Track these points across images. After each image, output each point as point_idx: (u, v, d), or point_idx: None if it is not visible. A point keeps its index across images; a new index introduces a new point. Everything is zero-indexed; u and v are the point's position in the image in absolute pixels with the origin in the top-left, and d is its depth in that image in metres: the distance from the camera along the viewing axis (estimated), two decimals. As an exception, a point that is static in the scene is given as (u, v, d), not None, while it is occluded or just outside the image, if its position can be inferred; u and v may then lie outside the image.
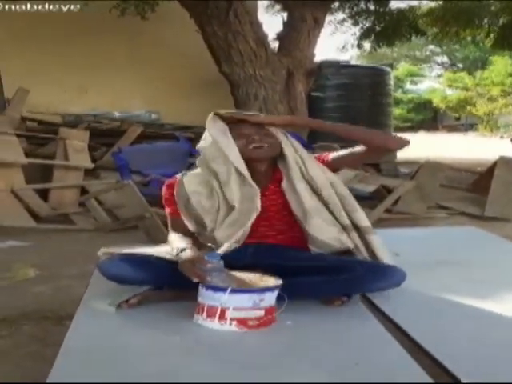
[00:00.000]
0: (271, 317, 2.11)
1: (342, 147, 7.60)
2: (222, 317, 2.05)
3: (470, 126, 35.29)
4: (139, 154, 6.89)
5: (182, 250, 2.27)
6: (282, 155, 2.48)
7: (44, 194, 6.01)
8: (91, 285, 2.56)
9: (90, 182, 6.40)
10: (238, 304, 2.05)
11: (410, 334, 2.09)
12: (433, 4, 10.26)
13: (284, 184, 2.46)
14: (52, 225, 5.44)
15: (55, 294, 3.09)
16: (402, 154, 9.91)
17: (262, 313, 2.08)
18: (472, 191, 7.30)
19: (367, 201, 6.42)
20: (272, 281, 2.16)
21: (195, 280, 2.11)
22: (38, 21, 8.67)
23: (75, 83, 9.27)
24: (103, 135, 7.89)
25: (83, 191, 6.21)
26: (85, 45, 9.11)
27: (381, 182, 6.78)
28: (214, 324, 2.07)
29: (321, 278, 2.31)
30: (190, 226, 2.47)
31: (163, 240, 2.54)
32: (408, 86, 42.74)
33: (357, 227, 2.48)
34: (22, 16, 8.41)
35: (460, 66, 40.57)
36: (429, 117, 40.06)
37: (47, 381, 1.67)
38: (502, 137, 26.47)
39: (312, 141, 7.71)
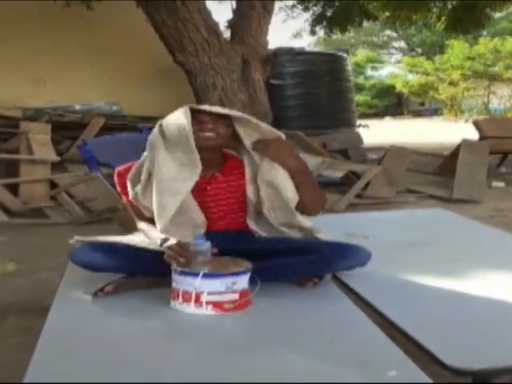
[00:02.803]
0: (246, 299, 2.15)
1: (308, 135, 7.64)
2: (197, 301, 2.09)
3: (434, 111, 35.74)
4: (104, 146, 6.83)
5: (165, 240, 2.29)
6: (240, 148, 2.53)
7: (13, 189, 5.94)
8: (66, 274, 2.56)
9: (58, 175, 6.35)
10: (211, 288, 2.09)
11: (383, 311, 2.14)
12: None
13: (247, 172, 2.50)
14: (25, 219, 5.41)
15: (36, 287, 3.12)
16: (369, 140, 10.07)
17: (236, 296, 2.11)
18: (439, 175, 7.41)
19: (337, 187, 6.49)
20: (243, 264, 2.21)
21: (181, 265, 2.14)
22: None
23: (32, 76, 9.09)
24: (65, 128, 7.80)
25: (52, 185, 6.16)
26: (39, 36, 8.95)
27: (349, 167, 6.85)
28: (191, 308, 2.10)
29: (290, 260, 2.36)
30: (146, 213, 2.48)
31: (136, 230, 2.55)
32: (369, 72, 43.05)
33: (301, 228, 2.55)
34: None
35: (418, 50, 40.96)
36: (393, 102, 40.43)
37: (27, 372, 1.67)
38: (466, 120, 26.82)
39: (276, 128, 7.73)
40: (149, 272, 2.37)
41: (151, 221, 2.46)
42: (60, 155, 6.69)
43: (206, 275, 2.08)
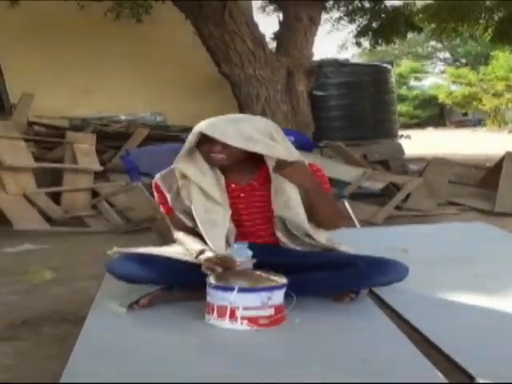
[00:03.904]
0: (281, 315, 2.14)
1: (349, 146, 7.59)
2: (232, 316, 2.09)
3: (477, 122, 35.13)
4: (147, 156, 6.84)
5: (202, 251, 2.31)
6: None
7: (55, 198, 6.03)
8: (103, 286, 2.59)
9: (100, 184, 6.41)
10: (246, 303, 2.09)
11: (421, 330, 2.11)
12: (428, 1, 10.14)
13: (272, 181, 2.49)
14: (66, 228, 5.45)
15: (72, 296, 3.12)
16: (411, 151, 9.93)
17: (271, 311, 2.11)
18: (481, 187, 7.26)
19: (376, 198, 6.42)
20: (278, 279, 2.19)
21: (217, 278, 2.15)
22: (39, 25, 8.68)
23: (80, 87, 9.21)
24: (110, 138, 7.87)
25: (94, 194, 6.23)
26: (88, 48, 9.06)
27: (389, 179, 6.75)
28: (226, 323, 2.10)
29: (325, 274, 2.35)
30: (187, 222, 2.49)
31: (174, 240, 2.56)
32: (412, 82, 42.62)
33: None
34: (22, 20, 8.43)
35: (463, 61, 40.43)
36: (435, 113, 39.95)
37: (60, 381, 1.69)
38: (510, 131, 26.35)
39: (317, 139, 7.72)
40: (184, 285, 2.38)
41: (189, 231, 2.47)
42: (103, 165, 6.76)
43: (241, 290, 2.08)
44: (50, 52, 8.89)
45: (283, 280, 2.17)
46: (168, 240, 2.63)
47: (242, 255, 2.22)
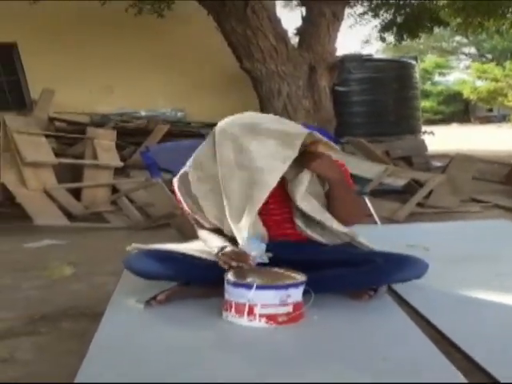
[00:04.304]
0: (299, 312, 2.12)
1: (372, 142, 7.52)
2: (250, 313, 2.07)
3: (502, 118, 34.74)
4: (167, 153, 6.84)
5: (222, 248, 2.29)
6: None
7: (76, 193, 6.04)
8: (121, 282, 2.59)
9: (120, 180, 6.42)
10: (265, 301, 2.07)
11: (440, 328, 2.08)
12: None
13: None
14: (86, 223, 5.42)
15: (92, 292, 3.07)
16: (434, 147, 9.83)
17: (290, 308, 2.09)
18: (505, 184, 7.16)
19: (398, 195, 6.35)
20: (297, 276, 2.17)
21: (234, 273, 2.13)
22: (60, 21, 8.72)
23: (101, 83, 9.20)
24: (130, 134, 7.84)
25: (114, 190, 6.22)
26: (108, 44, 9.06)
27: (411, 175, 6.68)
28: (244, 320, 2.09)
29: (343, 271, 2.32)
30: (206, 223, 2.46)
31: (194, 237, 2.55)
32: (436, 77, 42.26)
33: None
34: (43, 16, 8.44)
35: (489, 56, 39.91)
36: (460, 109, 39.56)
37: (76, 378, 1.68)
38: (535, 127, 26.05)
39: (339, 135, 7.66)
40: (202, 281, 2.37)
41: (211, 229, 2.45)
42: (123, 161, 6.76)
43: (259, 287, 2.06)
44: (70, 48, 8.90)
45: (302, 277, 2.15)
46: (187, 236, 2.62)
47: (256, 249, 2.19)
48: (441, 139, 10.32)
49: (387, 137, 8.70)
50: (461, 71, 42.44)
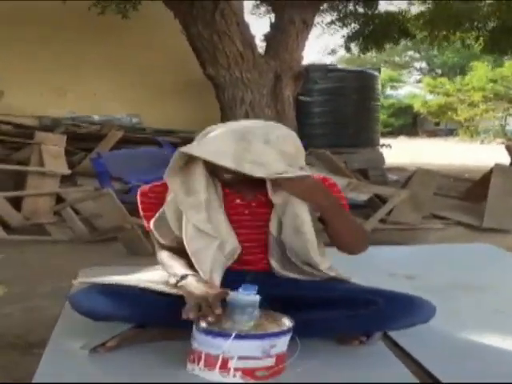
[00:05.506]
0: (282, 366, 1.76)
1: (334, 153, 7.30)
2: (223, 367, 1.69)
3: (449, 132, 35.49)
4: (120, 160, 6.54)
5: (183, 277, 1.91)
6: None
7: (16, 203, 5.62)
8: (62, 319, 2.19)
9: (66, 189, 6.00)
10: (244, 352, 1.69)
11: (438, 377, 1.85)
12: (423, 7, 10.06)
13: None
14: (24, 236, 5.02)
15: (25, 317, 2.74)
16: (387, 160, 9.76)
17: (272, 361, 1.72)
18: (465, 200, 7.05)
19: (359, 210, 6.16)
20: (283, 321, 1.80)
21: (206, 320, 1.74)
22: (13, 20, 8.31)
23: (53, 85, 8.89)
24: (82, 139, 7.44)
25: (59, 199, 5.82)
26: (63, 45, 8.72)
27: (375, 190, 6.49)
28: (214, 375, 1.70)
29: (338, 314, 1.96)
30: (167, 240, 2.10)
31: (143, 253, 2.18)
32: (388, 91, 42.96)
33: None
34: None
35: (438, 71, 40.95)
36: (408, 122, 40.31)
37: None
38: (482, 142, 26.64)
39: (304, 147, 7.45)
40: (164, 323, 1.99)
41: (173, 249, 2.09)
42: (72, 167, 6.38)
43: (239, 337, 1.68)
44: (22, 47, 8.52)
45: (289, 322, 1.79)
46: (135, 251, 2.25)
47: (249, 300, 1.76)
48: (391, 152, 10.38)
49: (346, 148, 8.66)
50: (412, 85, 43.42)
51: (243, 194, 2.11)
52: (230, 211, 2.09)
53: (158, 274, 2.09)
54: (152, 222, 2.10)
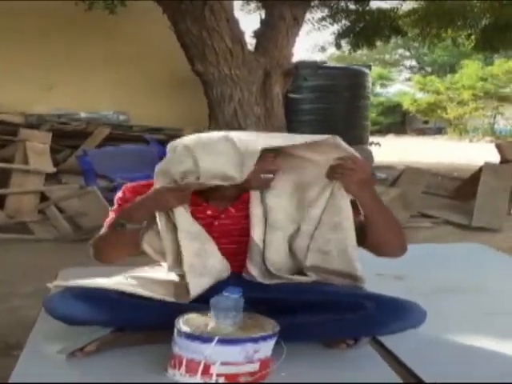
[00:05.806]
0: (265, 372, 1.70)
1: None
2: (205, 372, 1.63)
3: (438, 130, 35.55)
4: (106, 158, 6.50)
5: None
6: None
7: (0, 201, 5.56)
8: (39, 322, 2.11)
9: (50, 187, 5.96)
10: (226, 357, 1.63)
11: (422, 378, 1.83)
12: (415, 5, 9.91)
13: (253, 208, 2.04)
14: (8, 234, 4.99)
15: (6, 317, 2.75)
16: (376, 159, 9.75)
17: (256, 366, 1.66)
18: (454, 198, 7.03)
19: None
20: (268, 324, 1.74)
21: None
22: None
23: (39, 81, 8.82)
24: (68, 137, 7.45)
25: (43, 197, 5.76)
26: (50, 41, 8.68)
27: (364, 188, 6.46)
28: (196, 380, 1.64)
29: (325, 318, 1.89)
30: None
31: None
32: (378, 89, 43.02)
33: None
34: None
35: (428, 69, 41.07)
36: (397, 120, 40.35)
37: None
38: (470, 140, 26.70)
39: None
40: (143, 326, 1.93)
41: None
42: (57, 165, 6.32)
43: (221, 341, 1.62)
44: (6, 42, 8.44)
45: (275, 326, 1.73)
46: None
47: (233, 301, 1.70)
48: (379, 150, 10.39)
49: (334, 146, 8.59)
50: (401, 83, 43.51)
51: (215, 204, 2.06)
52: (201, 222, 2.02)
53: (139, 277, 2.03)
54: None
